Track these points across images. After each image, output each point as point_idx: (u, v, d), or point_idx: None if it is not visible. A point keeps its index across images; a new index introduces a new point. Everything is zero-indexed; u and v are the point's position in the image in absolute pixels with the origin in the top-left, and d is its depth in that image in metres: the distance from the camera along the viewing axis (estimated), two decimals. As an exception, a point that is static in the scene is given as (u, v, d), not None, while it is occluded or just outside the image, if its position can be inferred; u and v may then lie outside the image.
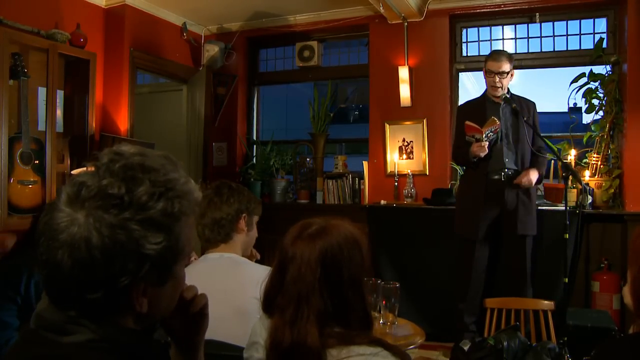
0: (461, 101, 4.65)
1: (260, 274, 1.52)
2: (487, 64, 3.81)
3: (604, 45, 4.54)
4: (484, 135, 3.64)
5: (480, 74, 3.98)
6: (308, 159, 5.54)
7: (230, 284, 1.88)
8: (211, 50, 5.55)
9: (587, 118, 4.64)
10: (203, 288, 1.11)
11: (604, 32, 4.63)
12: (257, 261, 2.18)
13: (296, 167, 5.53)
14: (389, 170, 5.03)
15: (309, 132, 5.60)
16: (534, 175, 3.76)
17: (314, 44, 5.53)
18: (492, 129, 3.66)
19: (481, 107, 3.88)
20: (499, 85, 3.77)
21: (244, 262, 2.01)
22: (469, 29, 5.10)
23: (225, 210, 2.02)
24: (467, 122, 3.68)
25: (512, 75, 3.84)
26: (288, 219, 1.87)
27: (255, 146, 5.93)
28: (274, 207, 5.27)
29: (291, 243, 1.33)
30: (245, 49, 5.86)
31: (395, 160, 4.99)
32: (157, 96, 5.72)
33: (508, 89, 3.90)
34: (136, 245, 0.84)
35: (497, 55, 3.83)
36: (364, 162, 5.13)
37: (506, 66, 3.77)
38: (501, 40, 5.01)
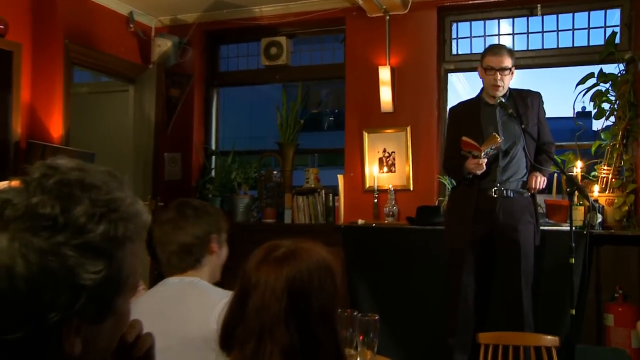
0: (452, 105, 4.62)
1: (223, 299, 1.60)
2: (486, 59, 3.79)
3: (617, 40, 4.48)
4: (482, 153, 3.64)
5: (473, 74, 4.01)
6: (275, 172, 5.51)
7: (185, 311, 1.92)
8: (163, 45, 5.45)
9: (596, 125, 4.64)
10: (154, 317, 1.15)
11: (616, 26, 4.58)
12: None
13: (261, 182, 5.48)
14: (367, 185, 4.99)
15: (277, 142, 5.60)
16: (542, 177, 3.79)
17: (282, 39, 5.48)
18: (493, 146, 3.66)
19: (475, 111, 3.87)
20: (500, 83, 3.74)
21: (206, 286, 2.04)
22: (459, 24, 5.06)
23: (193, 233, 2.06)
24: (464, 138, 3.67)
25: (512, 72, 3.82)
26: (251, 241, 1.91)
27: (214, 157, 5.87)
28: (235, 227, 5.14)
29: (255, 268, 1.35)
30: (202, 44, 5.80)
31: (374, 174, 4.96)
32: (98, 97, 5.63)
33: (509, 88, 3.87)
34: (70, 275, 0.83)
35: (497, 49, 3.82)
36: (339, 175, 5.11)
37: (508, 62, 3.76)
38: (497, 36, 4.97)
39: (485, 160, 3.64)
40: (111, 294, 0.89)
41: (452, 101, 4.96)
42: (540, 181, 3.75)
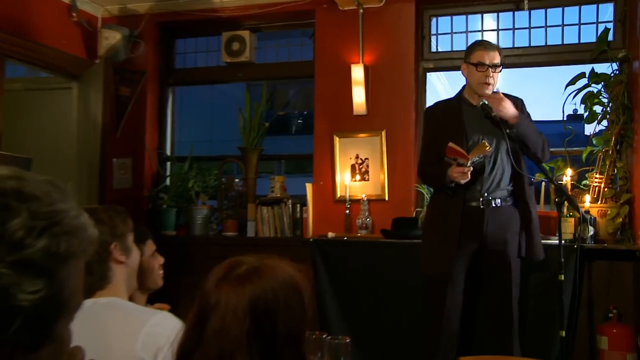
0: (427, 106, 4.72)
1: (152, 322, 1.60)
2: (475, 54, 3.79)
3: (610, 37, 4.54)
4: (469, 162, 3.63)
5: (454, 74, 4.00)
6: (237, 181, 5.49)
7: (104, 340, 1.82)
8: (111, 37, 5.40)
9: (588, 129, 4.69)
10: None
11: (609, 22, 4.64)
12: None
13: (222, 191, 5.47)
14: (338, 195, 5.00)
15: (239, 147, 5.55)
16: (509, 103, 3.73)
17: (246, 34, 5.46)
18: (480, 155, 3.66)
19: (456, 113, 3.87)
20: (490, 81, 3.76)
21: (126, 307, 1.98)
22: (439, 18, 5.09)
23: None
24: (451, 145, 3.65)
25: (499, 72, 3.86)
26: (210, 256, 1.94)
27: (169, 163, 5.84)
28: (192, 241, 5.29)
29: (214, 287, 1.35)
30: (156, 38, 5.75)
31: (346, 182, 4.96)
32: (35, 95, 5.61)
33: (497, 89, 3.89)
34: (5, 295, 0.82)
35: (488, 43, 3.85)
36: (307, 184, 5.09)
37: (499, 57, 3.80)
38: (480, 32, 5.01)
39: (471, 169, 3.64)
40: (51, 317, 0.89)
41: (431, 103, 4.96)
42: (506, 103, 3.68)
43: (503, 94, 3.90)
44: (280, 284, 1.35)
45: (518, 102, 3.89)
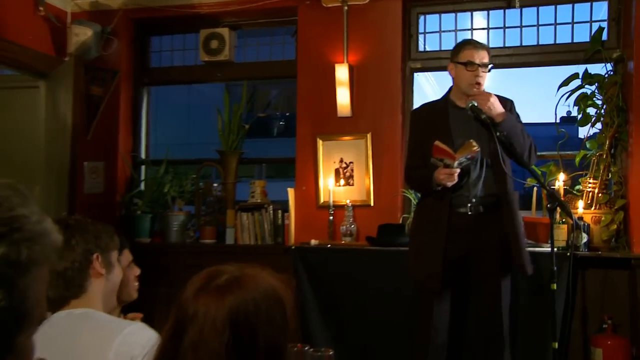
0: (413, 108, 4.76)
1: (126, 331, 1.64)
2: (464, 53, 3.81)
3: (604, 37, 4.58)
4: (456, 162, 3.63)
5: (442, 74, 4.01)
6: (215, 185, 5.50)
7: (79, 351, 1.85)
8: (82, 34, 5.34)
9: (581, 132, 4.72)
10: None
11: (604, 20, 4.67)
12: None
13: (199, 196, 5.46)
14: (321, 200, 5.01)
15: (217, 150, 5.55)
16: (496, 99, 3.75)
17: (225, 31, 5.45)
18: (468, 155, 3.65)
19: (442, 115, 3.89)
20: (481, 81, 3.78)
21: (101, 317, 1.99)
22: (427, 16, 5.10)
23: (69, 257, 2.02)
24: (437, 143, 3.65)
25: (488, 72, 3.88)
26: (187, 265, 1.91)
27: (144, 167, 5.83)
28: (168, 249, 5.28)
29: (192, 297, 1.35)
30: (130, 34, 5.73)
31: (330, 187, 4.97)
32: None
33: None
34: None
35: (477, 42, 3.88)
36: (289, 189, 5.10)
37: (489, 57, 3.83)
38: (470, 31, 5.04)
39: (458, 170, 3.64)
40: (12, 328, 0.88)
41: (419, 104, 4.96)
42: (493, 101, 3.69)
43: (495, 95, 3.92)
44: (262, 295, 1.35)
45: (508, 103, 3.91)
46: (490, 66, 3.80)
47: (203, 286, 1.36)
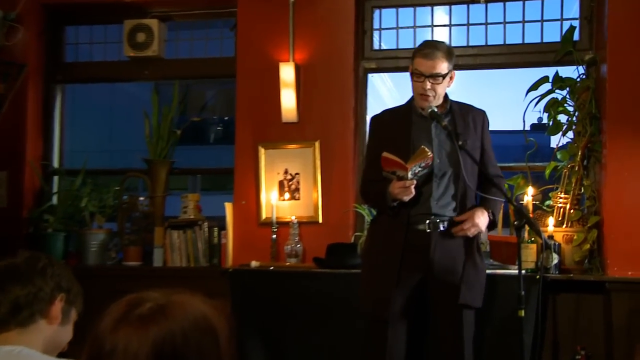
0: (373, 114, 4.56)
1: None
2: (414, 61, 3.83)
3: (576, 37, 4.67)
4: (409, 173, 3.64)
5: (401, 75, 4.01)
6: (142, 199, 5.48)
7: None
8: None
9: (554, 141, 4.75)
10: None
11: (575, 19, 4.77)
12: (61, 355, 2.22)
13: (123, 212, 5.43)
14: (263, 217, 5.02)
15: (144, 158, 5.52)
16: (482, 216, 3.76)
17: (153, 23, 5.42)
18: (422, 164, 3.67)
19: (405, 123, 3.90)
20: (430, 93, 3.77)
21: (32, 356, 2.01)
22: (383, 11, 5.14)
23: (37, 283, 2.10)
24: (385, 154, 3.68)
25: (452, 78, 3.88)
26: (107, 291, 1.98)
27: (57, 178, 5.73)
28: (85, 272, 4.97)
29: (111, 329, 1.31)
30: (40, 23, 5.65)
31: (273, 202, 4.97)
32: None
33: (447, 97, 3.91)
34: None
35: (429, 49, 3.83)
36: (226, 204, 5.09)
37: (442, 66, 3.78)
38: (430, 28, 5.09)
39: (414, 182, 3.64)
40: None
41: (373, 109, 4.97)
42: (475, 224, 3.71)
43: (464, 104, 3.97)
44: (191, 324, 1.33)
45: (479, 118, 3.96)
46: (446, 75, 3.78)
47: (123, 316, 1.33)
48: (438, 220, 3.78)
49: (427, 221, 3.77)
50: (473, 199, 3.85)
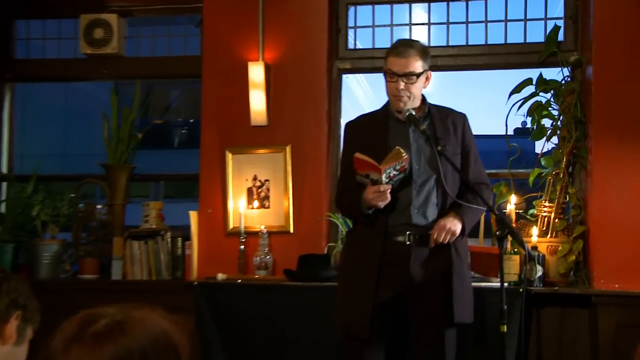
0: (348, 118, 4.60)
1: None
2: (387, 60, 3.85)
3: (560, 37, 4.73)
4: (383, 175, 3.63)
5: (378, 76, 4.01)
6: (99, 207, 5.45)
7: None
8: None
9: (539, 146, 4.82)
10: None
11: (560, 18, 4.83)
12: None
13: (78, 221, 5.40)
14: (231, 226, 5.03)
15: (102, 163, 5.48)
16: (449, 221, 3.74)
17: (112, 18, 5.40)
18: (397, 166, 3.66)
19: (381, 129, 3.91)
20: (404, 94, 3.79)
21: None
22: (358, 7, 5.18)
23: None
24: (357, 155, 3.67)
25: (428, 78, 3.90)
26: (61, 307, 1.92)
27: (5, 184, 5.73)
28: (36, 286, 4.71)
29: (63, 348, 1.29)
30: None
31: (241, 210, 4.98)
32: None
33: (425, 100, 3.93)
34: None
35: (402, 47, 3.86)
36: (191, 212, 5.08)
37: (416, 65, 3.80)
38: (408, 26, 5.12)
39: (390, 187, 3.64)
40: None
41: (348, 112, 5.03)
42: (446, 227, 3.70)
43: (443, 107, 3.99)
44: (150, 341, 1.31)
45: (459, 121, 3.97)
46: (420, 74, 3.79)
47: (76, 334, 1.30)
48: (417, 231, 3.76)
49: (407, 232, 3.76)
50: (450, 206, 3.84)
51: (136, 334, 1.30)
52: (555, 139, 4.60)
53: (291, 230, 4.93)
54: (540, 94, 4.60)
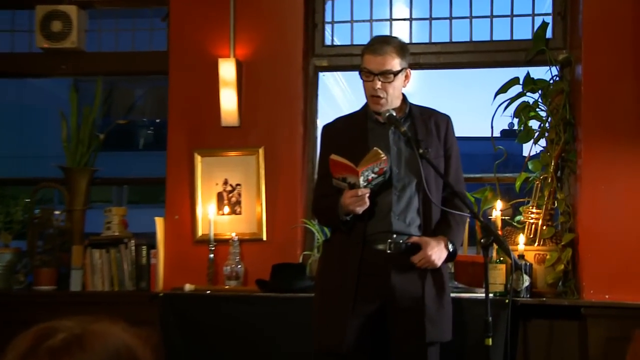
0: (325, 119, 4.72)
1: None
2: (364, 59, 3.87)
3: (549, 34, 4.78)
4: (361, 178, 3.63)
5: (357, 74, 4.00)
6: (57, 213, 5.42)
7: None
8: None
9: (527, 149, 4.82)
10: None
11: (548, 14, 4.88)
12: None
13: (34, 228, 5.39)
14: (199, 234, 5.04)
15: (60, 166, 5.46)
16: (437, 250, 3.75)
17: (71, 10, 5.38)
18: (375, 168, 3.67)
19: (360, 130, 3.93)
20: (381, 94, 3.80)
21: None
22: (336, 2, 5.21)
23: None
24: (333, 157, 3.67)
25: (407, 77, 3.92)
26: (14, 322, 1.97)
27: (-44, 188, 5.68)
28: None
29: None
30: None
31: (210, 217, 4.99)
32: None
33: (406, 100, 3.95)
34: None
35: (379, 44, 3.88)
36: (157, 218, 5.08)
37: (393, 62, 3.81)
38: (388, 22, 5.16)
39: (368, 191, 3.64)
40: None
41: (325, 112, 5.09)
42: (428, 256, 3.69)
43: (425, 108, 4.01)
44: (111, 357, 1.29)
45: (442, 123, 3.98)
46: (398, 72, 3.79)
47: (30, 350, 1.28)
48: (400, 240, 3.77)
49: (388, 240, 3.77)
50: (439, 214, 3.86)
51: (96, 349, 1.29)
52: (543, 142, 4.64)
53: (264, 238, 4.94)
54: (528, 94, 4.64)
